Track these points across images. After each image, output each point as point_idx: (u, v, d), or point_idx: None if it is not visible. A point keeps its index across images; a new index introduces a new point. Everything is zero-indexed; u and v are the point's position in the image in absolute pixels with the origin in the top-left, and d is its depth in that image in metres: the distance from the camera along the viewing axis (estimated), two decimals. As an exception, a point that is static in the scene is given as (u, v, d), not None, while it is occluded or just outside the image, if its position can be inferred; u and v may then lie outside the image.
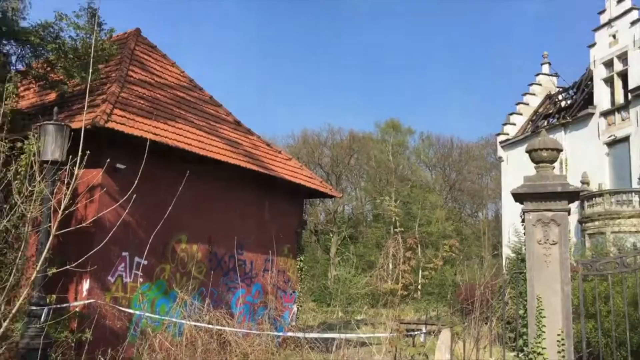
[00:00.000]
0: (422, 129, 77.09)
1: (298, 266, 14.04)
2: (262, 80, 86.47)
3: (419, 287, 39.21)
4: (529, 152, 7.46)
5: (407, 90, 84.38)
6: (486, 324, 9.68)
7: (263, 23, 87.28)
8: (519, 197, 7.30)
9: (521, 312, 7.05)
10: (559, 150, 7.27)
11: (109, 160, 7.90)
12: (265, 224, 12.84)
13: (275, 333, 9.50)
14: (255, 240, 12.51)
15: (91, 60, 8.05)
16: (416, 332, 10.61)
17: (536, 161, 7.36)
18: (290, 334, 9.80)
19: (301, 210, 14.75)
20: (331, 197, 16.17)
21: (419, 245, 43.41)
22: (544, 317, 6.66)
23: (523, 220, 7.31)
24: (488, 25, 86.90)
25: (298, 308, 13.88)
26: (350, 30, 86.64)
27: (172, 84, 12.82)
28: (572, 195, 7.11)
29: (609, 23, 23.26)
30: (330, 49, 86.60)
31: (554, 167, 7.37)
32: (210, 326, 8.11)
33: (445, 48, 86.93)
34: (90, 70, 7.83)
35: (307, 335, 9.03)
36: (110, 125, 9.00)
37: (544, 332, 6.63)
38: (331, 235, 44.40)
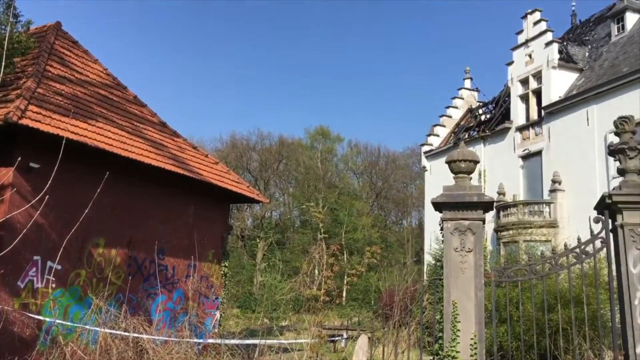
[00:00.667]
0: (351, 136, 78.37)
1: (222, 272, 13.85)
2: (191, 81, 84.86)
3: (344, 293, 39.72)
4: (448, 162, 7.77)
5: (338, 97, 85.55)
6: (405, 328, 9.96)
7: (192, 22, 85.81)
8: (438, 206, 7.58)
9: (438, 317, 7.31)
10: (476, 162, 7.62)
11: (20, 158, 7.48)
12: (190, 229, 12.57)
13: (195, 340, 9.30)
14: (178, 245, 12.22)
15: (4, 52, 7.59)
16: (337, 338, 10.73)
17: (455, 172, 7.67)
18: (211, 340, 9.63)
19: (227, 215, 14.57)
20: (258, 202, 16.08)
21: (345, 252, 44.03)
22: (459, 321, 6.94)
23: (442, 229, 7.59)
24: (420, 37, 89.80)
25: (221, 314, 13.67)
26: (283, 37, 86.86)
27: (94, 82, 12.31)
28: (487, 205, 7.46)
29: (525, 43, 24.66)
30: (262, 52, 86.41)
31: (471, 178, 7.71)
32: (126, 334, 7.83)
33: (377, 58, 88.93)
34: (4, 64, 7.39)
35: (228, 342, 8.91)
36: (24, 121, 8.51)
37: (458, 336, 6.90)
38: (258, 240, 44.12)
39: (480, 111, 29.37)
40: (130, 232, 10.99)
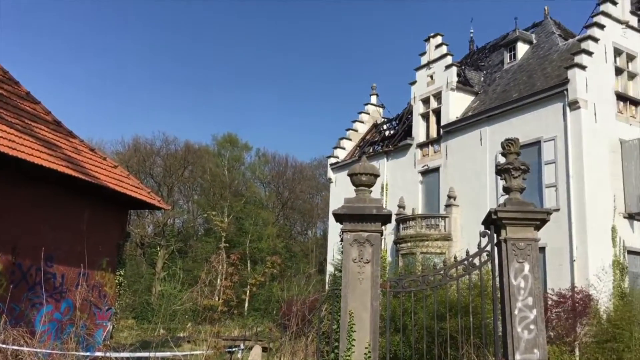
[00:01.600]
0: (260, 145, 78.14)
1: (117, 281, 13.22)
2: (95, 81, 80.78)
3: (246, 303, 39.31)
4: (350, 175, 7.97)
5: (248, 106, 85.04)
6: (307, 338, 10.04)
7: (98, 17, 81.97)
8: (339, 217, 7.74)
9: (335, 326, 7.44)
10: (376, 176, 7.87)
11: None
12: (83, 235, 11.89)
13: (82, 353, 8.79)
14: (69, 252, 11.52)
15: None
16: (235, 349, 10.59)
17: (356, 184, 7.88)
18: (99, 353, 9.14)
19: (125, 221, 13.95)
20: (159, 209, 15.55)
21: (248, 261, 43.63)
22: (354, 331, 7.10)
23: (342, 240, 7.76)
24: (333, 53, 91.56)
25: (113, 326, 13.03)
26: (193, 39, 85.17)
27: (-20, 74, 11.39)
28: (385, 218, 7.72)
29: (427, 65, 25.94)
30: (171, 55, 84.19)
31: (371, 191, 7.95)
32: (4, 346, 7.25)
33: (291, 73, 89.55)
34: None
35: (117, 354, 8.50)
36: None
37: (353, 345, 7.06)
38: (159, 248, 42.63)
39: (385, 127, 30.42)
40: (15, 238, 10.21)
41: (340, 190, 28.01)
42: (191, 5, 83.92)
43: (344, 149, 31.69)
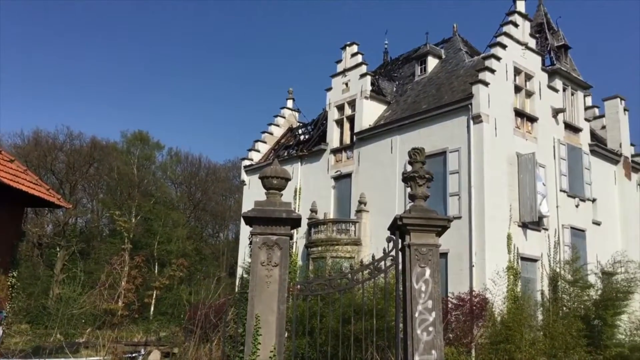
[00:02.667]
0: (172, 145, 75.96)
1: (9, 283, 12.34)
2: (-10, 67, 74.96)
3: (152, 306, 37.96)
4: (261, 178, 7.96)
5: (160, 104, 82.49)
6: (212, 343, 9.87)
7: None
8: (249, 220, 7.70)
9: (241, 330, 7.39)
10: (287, 179, 7.91)
11: None
12: (-30, 234, 11.01)
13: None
14: (-47, 252, 10.62)
15: None
16: (135, 354, 10.21)
17: (267, 187, 7.88)
18: (-16, 361, 8.48)
19: (20, 219, 13.08)
20: (59, 207, 14.70)
21: (156, 264, 42.21)
22: (260, 335, 7.09)
23: (251, 243, 7.72)
24: (253, 53, 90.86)
25: (4, 330, 12.15)
26: (106, 31, 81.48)
27: None
28: (295, 222, 7.77)
29: (343, 72, 26.46)
30: (79, 46, 79.99)
31: (282, 195, 7.98)
32: None
33: (213, 69, 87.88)
34: None
35: (5, 362, 7.93)
36: None
37: (258, 349, 7.04)
38: (58, 249, 40.20)
39: (300, 131, 30.65)
40: None
41: (254, 193, 27.82)
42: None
43: (258, 151, 31.57)
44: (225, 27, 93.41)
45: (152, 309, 37.55)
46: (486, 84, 20.11)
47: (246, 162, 31.36)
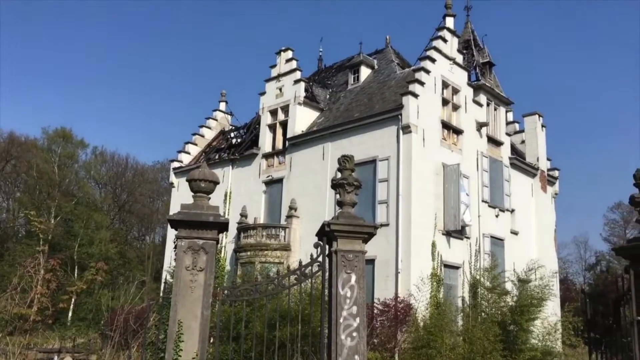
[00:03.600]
0: (98, 143, 73.05)
1: None
2: None
3: (70, 312, 36.20)
4: (189, 181, 7.81)
5: (85, 100, 79.18)
6: (131, 349, 9.53)
7: None
8: (175, 223, 7.52)
9: (162, 336, 7.19)
10: (216, 183, 7.79)
11: None
12: None
13: None
14: None
15: None
16: (48, 362, 9.71)
17: (195, 190, 7.74)
18: None
19: None
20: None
21: (76, 267, 40.29)
22: (182, 341, 6.92)
23: (176, 247, 7.54)
24: (184, 56, 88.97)
25: None
26: (28, 24, 77.37)
27: None
28: (222, 226, 7.66)
29: (277, 77, 26.47)
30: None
31: (209, 198, 7.85)
32: None
33: (143, 68, 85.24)
34: None
35: None
36: None
37: (180, 355, 6.87)
38: (-33, 251, 37.57)
39: (232, 134, 30.31)
40: None
41: (183, 196, 27.19)
42: (27, -17, 76.22)
43: (189, 153, 30.95)
44: (156, 26, 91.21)
45: (70, 314, 35.81)
46: (416, 95, 20.72)
47: (175, 164, 30.66)
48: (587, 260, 58.51)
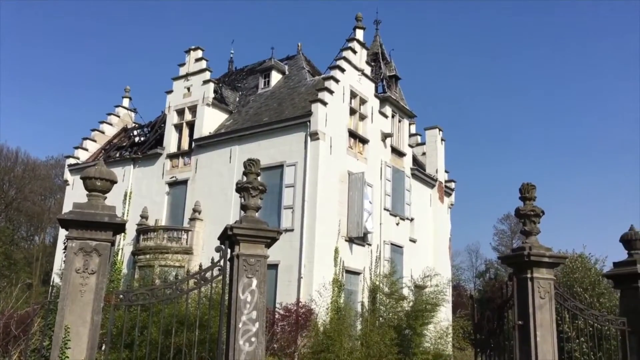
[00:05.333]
0: (-16, 135, 67.42)
1: None
2: None
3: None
4: (83, 179, 7.41)
5: (-29, 87, 72.88)
6: (11, 357, 8.84)
7: None
8: (65, 223, 7.09)
9: (46, 343, 6.73)
10: (113, 182, 7.44)
11: None
12: None
13: None
14: None
15: None
16: None
17: (89, 189, 7.35)
18: None
19: None
20: None
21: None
22: (69, 347, 6.53)
23: (66, 248, 7.11)
24: (84, 46, 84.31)
25: None
26: None
27: None
28: (118, 227, 7.32)
29: (186, 76, 25.81)
30: None
31: (106, 197, 7.48)
32: None
33: (40, 59, 79.66)
34: None
35: None
36: None
37: (66, 363, 6.48)
38: None
39: (136, 132, 29.12)
40: None
41: (79, 195, 25.69)
42: None
43: (86, 150, 29.37)
44: (60, 12, 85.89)
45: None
46: (324, 103, 21.05)
47: (71, 161, 28.97)
48: (478, 267, 62.29)
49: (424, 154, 29.09)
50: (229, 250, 7.85)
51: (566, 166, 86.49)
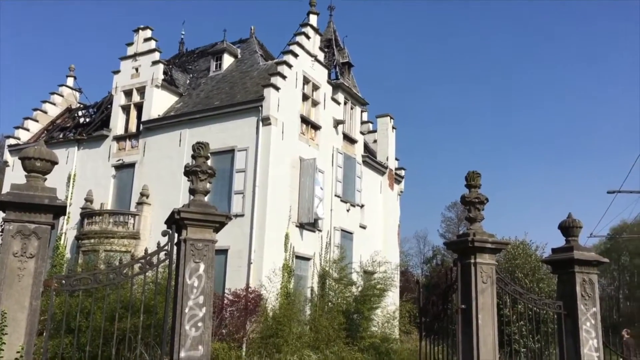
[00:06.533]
0: None
1: None
2: None
3: None
4: (22, 159, 7.11)
5: None
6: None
7: None
8: (2, 205, 6.79)
9: (-20, 330, 6.45)
10: (54, 163, 7.16)
11: None
12: None
13: None
14: None
15: None
16: None
17: (28, 170, 7.07)
18: None
19: None
20: None
21: None
22: (6, 334, 6.30)
23: (2, 230, 6.82)
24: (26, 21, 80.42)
25: None
26: None
27: None
28: (59, 210, 7.07)
29: (134, 56, 25.03)
30: None
31: (46, 179, 7.20)
32: None
33: (-36, 27, 75.42)
34: None
35: None
36: None
37: (3, 349, 6.25)
38: None
39: (81, 113, 28.15)
40: None
41: (18, 175, 24.60)
42: None
43: (28, 130, 28.14)
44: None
45: None
46: (277, 88, 20.89)
47: (12, 141, 27.72)
48: (426, 254, 63.87)
49: (375, 141, 29.37)
50: (176, 235, 7.72)
51: (514, 155, 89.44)
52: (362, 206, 25.92)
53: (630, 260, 55.74)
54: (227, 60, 25.93)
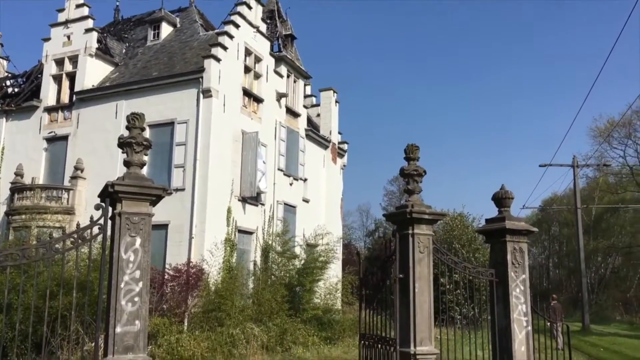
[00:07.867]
0: None
1: None
2: None
3: None
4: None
5: None
6: None
7: None
8: None
9: None
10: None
11: None
12: None
13: None
14: None
15: None
16: None
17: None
18: None
19: None
20: None
21: None
22: None
23: None
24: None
25: None
26: None
27: None
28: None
29: (66, 23, 23.76)
30: None
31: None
32: None
33: None
34: None
35: None
36: None
37: None
38: None
39: (8, 82, 26.59)
40: None
41: (-61, 150, 23.25)
42: None
43: (-52, 100, 26.34)
44: None
45: None
46: (218, 59, 20.41)
47: None
48: (368, 227, 65.03)
49: (318, 115, 29.34)
50: (110, 209, 7.47)
51: (456, 126, 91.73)
52: (305, 180, 25.97)
53: (559, 230, 58.78)
54: (166, 30, 25.06)
